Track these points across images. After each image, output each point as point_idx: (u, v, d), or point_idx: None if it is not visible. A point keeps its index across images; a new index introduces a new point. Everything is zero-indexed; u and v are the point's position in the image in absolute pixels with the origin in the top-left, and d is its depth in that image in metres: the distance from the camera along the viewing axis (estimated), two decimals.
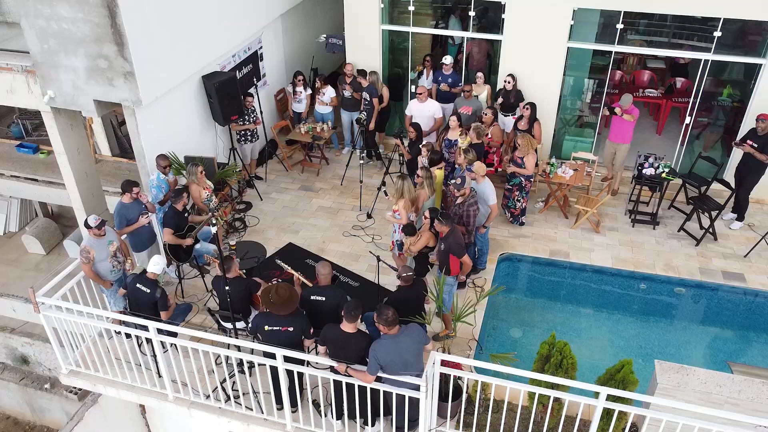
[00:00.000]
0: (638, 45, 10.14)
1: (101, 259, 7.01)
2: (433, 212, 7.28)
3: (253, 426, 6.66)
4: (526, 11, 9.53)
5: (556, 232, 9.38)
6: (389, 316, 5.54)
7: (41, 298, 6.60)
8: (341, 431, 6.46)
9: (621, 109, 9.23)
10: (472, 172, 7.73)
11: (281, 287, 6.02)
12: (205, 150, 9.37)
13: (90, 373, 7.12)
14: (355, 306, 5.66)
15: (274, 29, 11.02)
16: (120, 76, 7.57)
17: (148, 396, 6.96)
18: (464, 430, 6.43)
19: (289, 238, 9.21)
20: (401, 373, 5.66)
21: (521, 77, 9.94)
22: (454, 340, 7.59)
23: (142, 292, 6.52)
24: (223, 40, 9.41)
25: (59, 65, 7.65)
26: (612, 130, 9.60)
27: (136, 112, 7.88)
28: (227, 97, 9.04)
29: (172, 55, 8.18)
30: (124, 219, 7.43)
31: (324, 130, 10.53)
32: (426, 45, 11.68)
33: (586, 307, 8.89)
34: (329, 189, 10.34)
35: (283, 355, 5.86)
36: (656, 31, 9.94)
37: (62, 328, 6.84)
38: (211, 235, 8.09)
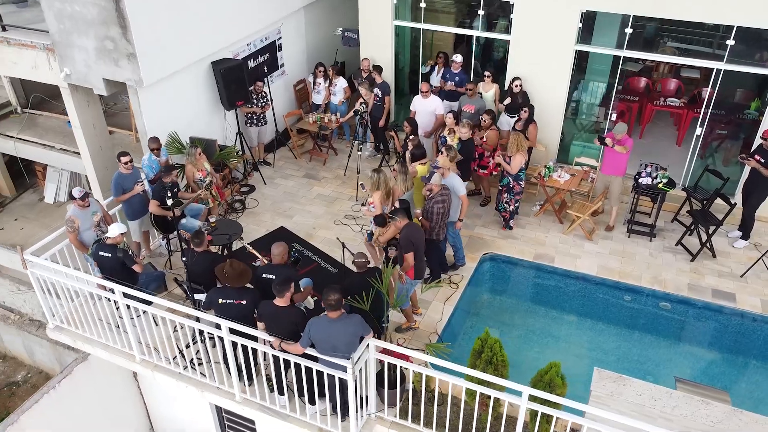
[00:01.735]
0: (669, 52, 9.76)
1: (85, 228, 7.58)
2: (403, 204, 7.39)
3: (207, 393, 7.03)
4: (533, 12, 9.43)
5: (546, 236, 9.25)
6: (331, 300, 5.71)
7: (28, 256, 7.23)
8: (284, 406, 6.70)
9: (612, 140, 8.73)
10: (439, 168, 7.77)
11: (234, 262, 6.35)
12: (213, 132, 9.85)
13: (72, 329, 7.71)
14: (282, 281, 5.89)
15: (296, 21, 11.40)
16: (124, 57, 8.13)
17: (119, 356, 7.46)
18: (404, 419, 6.51)
19: (282, 222, 9.56)
20: (330, 354, 5.85)
21: (528, 79, 9.84)
22: (416, 332, 7.69)
23: (105, 258, 7.00)
24: (236, 29, 9.85)
25: (73, 45, 8.30)
26: (604, 161, 9.07)
27: (138, 91, 8.43)
28: (233, 83, 9.49)
29: (177, 39, 8.68)
30: (120, 188, 7.99)
31: (331, 121, 10.81)
32: (448, 42, 11.73)
33: (565, 313, 8.79)
34: (332, 178, 10.62)
35: (230, 328, 6.20)
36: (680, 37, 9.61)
37: (47, 286, 7.43)
38: (200, 212, 8.55)
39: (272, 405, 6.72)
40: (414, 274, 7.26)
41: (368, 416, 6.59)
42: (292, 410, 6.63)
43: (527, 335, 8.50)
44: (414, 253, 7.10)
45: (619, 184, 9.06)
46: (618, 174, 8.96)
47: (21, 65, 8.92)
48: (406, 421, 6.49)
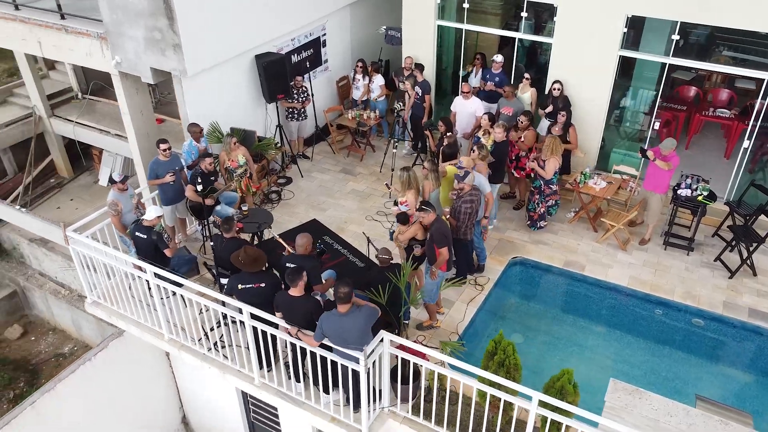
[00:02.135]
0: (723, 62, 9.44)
1: (127, 211, 7.94)
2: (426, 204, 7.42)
3: (228, 375, 7.25)
4: (577, 15, 9.28)
5: (579, 244, 9.10)
6: (341, 293, 5.82)
7: (70, 233, 7.62)
8: (300, 394, 6.84)
9: (655, 155, 8.43)
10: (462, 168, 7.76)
11: (249, 248, 6.54)
12: (253, 124, 10.11)
13: (108, 305, 8.08)
14: (293, 271, 6.02)
15: (341, 18, 11.56)
16: (170, 48, 8.45)
17: (149, 333, 7.77)
18: (416, 416, 6.55)
19: (316, 214, 9.73)
20: (343, 346, 5.95)
21: (569, 83, 9.68)
22: (437, 331, 7.71)
23: (140, 239, 7.31)
24: (280, 24, 10.08)
25: (124, 34, 8.68)
26: (646, 175, 8.78)
27: (182, 81, 8.74)
28: (274, 77, 9.72)
29: (222, 32, 8.96)
30: (154, 173, 8.32)
31: (370, 118, 10.92)
32: (492, 44, 11.65)
33: (593, 323, 8.61)
34: (367, 175, 10.73)
35: (250, 313, 6.38)
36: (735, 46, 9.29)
37: (87, 262, 7.81)
38: (235, 200, 8.81)
39: (289, 391, 6.88)
40: (446, 266, 7.28)
41: (381, 410, 6.66)
42: (308, 398, 6.77)
43: (552, 342, 8.39)
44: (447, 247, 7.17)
45: (658, 201, 8.73)
46: (658, 191, 8.66)
47: (77, 52, 9.38)
48: (417, 417, 6.54)
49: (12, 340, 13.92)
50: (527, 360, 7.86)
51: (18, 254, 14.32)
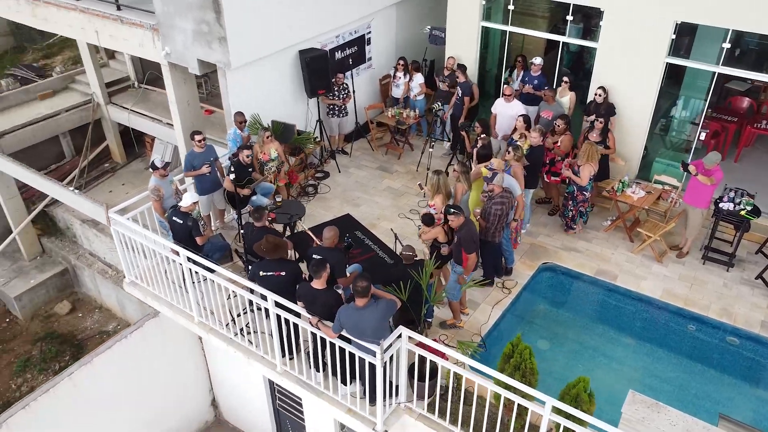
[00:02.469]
0: None
1: (168, 196, 8.24)
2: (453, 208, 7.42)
3: (252, 360, 7.44)
4: (624, 20, 9.09)
5: (613, 253, 8.92)
6: (358, 287, 5.91)
7: (112, 215, 7.97)
8: (320, 384, 6.97)
9: (697, 169, 8.17)
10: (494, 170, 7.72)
11: (270, 237, 6.70)
12: (294, 118, 10.30)
13: (144, 286, 8.41)
14: (317, 263, 6.14)
15: (387, 17, 11.66)
16: (216, 40, 8.72)
17: (180, 315, 8.05)
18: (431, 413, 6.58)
19: (350, 209, 9.86)
20: (360, 339, 6.04)
21: (613, 90, 9.49)
22: (459, 331, 7.71)
23: (177, 223, 7.58)
24: (325, 21, 10.25)
25: (175, 26, 9.00)
26: (688, 188, 8.50)
27: (226, 73, 9.01)
28: (316, 72, 9.90)
29: (267, 27, 9.18)
30: (190, 164, 8.59)
31: (409, 116, 10.97)
32: (539, 47, 11.53)
33: (623, 334, 8.43)
34: (403, 173, 10.79)
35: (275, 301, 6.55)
36: None
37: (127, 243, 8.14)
38: (271, 191, 9.01)
39: (309, 380, 7.01)
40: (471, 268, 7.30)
41: (397, 405, 6.72)
42: (326, 388, 6.89)
43: (579, 351, 8.26)
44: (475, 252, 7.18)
45: (698, 216, 8.45)
46: (699, 205, 8.38)
47: (130, 42, 9.78)
48: (433, 415, 6.57)
49: (61, 316, 14.62)
50: (552, 367, 7.82)
51: (71, 234, 15.02)
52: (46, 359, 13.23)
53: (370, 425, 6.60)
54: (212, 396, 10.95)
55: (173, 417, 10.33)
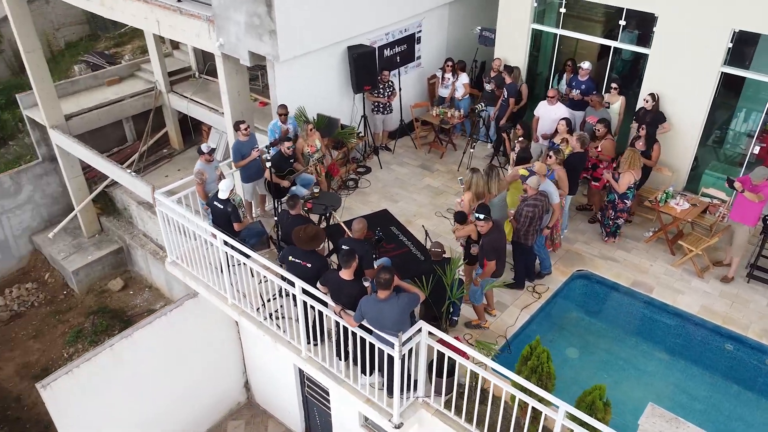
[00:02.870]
0: None
1: (211, 180, 8.57)
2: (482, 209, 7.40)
3: (279, 345, 7.66)
4: (678, 26, 8.83)
5: (651, 265, 8.69)
6: (382, 279, 6.01)
7: (158, 196, 8.35)
8: (341, 372, 7.11)
9: (743, 185, 7.87)
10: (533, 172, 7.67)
11: (309, 227, 6.87)
12: (339, 112, 10.49)
13: (184, 266, 8.76)
14: (347, 253, 6.26)
15: (439, 16, 11.70)
16: (266, 33, 8.99)
17: (215, 296, 8.35)
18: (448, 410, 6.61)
19: (387, 205, 9.97)
20: (380, 330, 6.14)
21: (664, 98, 9.24)
22: (485, 332, 7.70)
23: (217, 208, 7.87)
24: (376, 18, 10.39)
25: (229, 18, 9.33)
26: (734, 205, 8.23)
27: (275, 65, 9.27)
28: (363, 69, 10.06)
29: (317, 22, 9.39)
30: (239, 153, 8.88)
31: (454, 116, 10.99)
32: (592, 52, 11.31)
33: (656, 348, 8.21)
34: (444, 172, 10.82)
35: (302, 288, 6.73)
36: None
37: (171, 224, 8.50)
38: (311, 182, 9.22)
39: (331, 368, 7.16)
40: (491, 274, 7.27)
41: (415, 399, 6.78)
42: (348, 377, 7.03)
43: (609, 361, 8.11)
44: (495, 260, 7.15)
45: (745, 234, 8.11)
46: (746, 223, 8.05)
47: (188, 33, 10.19)
48: (449, 412, 6.60)
49: (113, 292, 15.37)
50: (580, 376, 7.71)
51: (127, 215, 15.75)
52: (96, 332, 13.94)
53: (387, 416, 6.69)
54: (245, 378, 11.28)
55: (207, 395, 10.70)
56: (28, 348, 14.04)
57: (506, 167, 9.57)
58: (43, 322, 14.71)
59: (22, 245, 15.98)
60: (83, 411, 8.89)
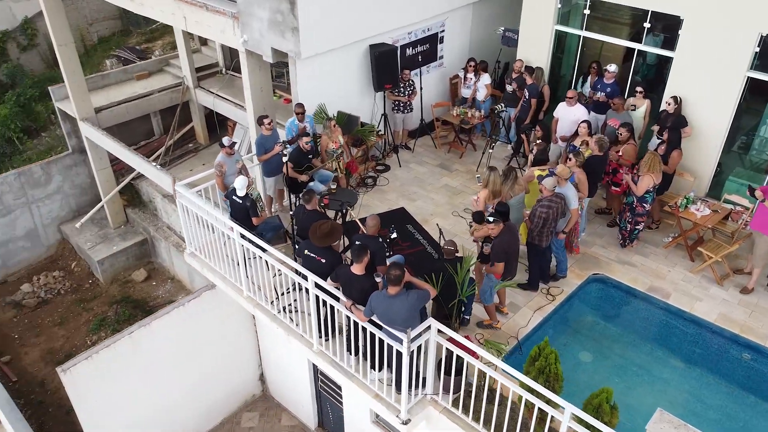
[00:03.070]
0: None
1: (230, 173, 8.71)
2: (501, 207, 7.40)
3: (292, 338, 7.75)
4: (704, 29, 8.70)
5: (669, 271, 8.58)
6: (391, 275, 6.06)
7: (178, 187, 8.51)
8: (351, 367, 7.16)
9: (763, 195, 7.70)
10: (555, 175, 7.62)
11: (325, 223, 6.95)
12: (360, 110, 10.56)
13: (202, 258, 8.92)
14: (358, 248, 6.32)
15: (462, 16, 11.70)
16: (289, 30, 9.10)
17: (231, 288, 8.48)
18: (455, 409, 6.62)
19: (404, 203, 10.01)
20: (389, 326, 6.18)
21: (687, 101, 9.11)
22: (496, 332, 7.68)
23: (235, 202, 8.00)
24: (399, 17, 10.43)
25: (253, 15, 9.46)
26: (755, 213, 8.04)
27: (296, 62, 9.38)
28: (385, 67, 10.11)
29: (339, 20, 9.47)
30: (262, 148, 9.01)
31: (474, 116, 10.97)
32: (617, 54, 11.20)
33: (671, 355, 8.10)
34: (463, 172, 10.81)
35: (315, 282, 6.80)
36: None
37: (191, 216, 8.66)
38: (329, 179, 9.30)
39: (342, 362, 7.23)
40: (500, 276, 7.26)
41: (423, 396, 6.80)
42: (357, 372, 7.08)
43: (623, 366, 8.03)
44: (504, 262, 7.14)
45: (765, 244, 7.91)
46: (766, 233, 7.87)
47: (213, 29, 10.35)
48: (457, 410, 6.61)
49: (137, 282, 15.67)
50: (593, 380, 7.65)
51: (152, 207, 16.04)
52: (119, 321, 14.22)
53: (395, 412, 6.73)
54: (261, 371, 11.42)
55: (223, 386, 10.88)
56: (53, 334, 14.40)
57: (524, 168, 9.52)
58: (68, 310, 15.07)
59: (51, 234, 16.40)
60: (102, 396, 9.11)
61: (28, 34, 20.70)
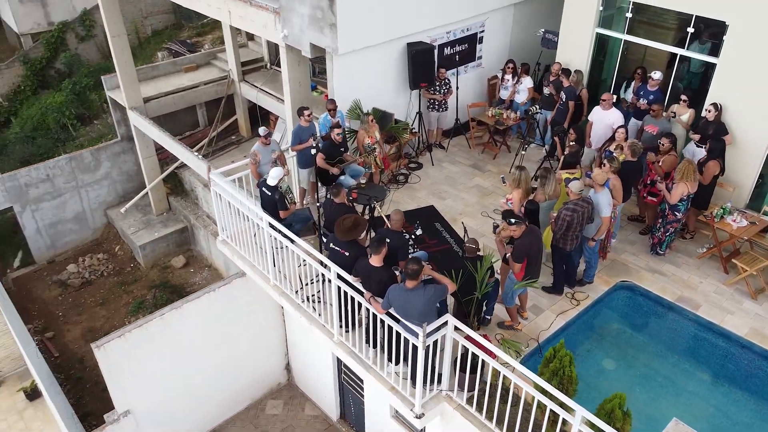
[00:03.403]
0: None
1: (264, 162, 8.93)
2: (531, 205, 7.37)
3: (314, 327, 7.89)
4: (750, 35, 8.45)
5: (701, 282, 8.37)
6: (410, 270, 6.12)
7: (212, 176, 8.77)
8: (369, 359, 7.25)
9: None
10: (589, 180, 7.54)
11: (350, 218, 7.06)
12: (395, 108, 10.64)
13: (233, 245, 9.16)
14: (378, 240, 6.41)
15: (503, 17, 11.65)
16: (327, 26, 9.26)
17: (259, 276, 8.69)
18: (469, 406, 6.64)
19: (434, 201, 10.04)
20: (405, 319, 6.25)
21: (729, 109, 8.86)
22: (517, 333, 7.65)
23: (265, 194, 8.19)
24: (437, 16, 10.47)
25: (294, 10, 9.66)
26: None
27: (333, 58, 9.53)
28: (421, 66, 10.17)
29: (377, 17, 9.58)
30: (298, 138, 9.21)
31: (509, 118, 10.92)
32: (661, 60, 10.96)
33: (699, 368, 7.90)
34: (495, 173, 10.76)
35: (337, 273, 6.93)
36: None
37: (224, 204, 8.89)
38: (360, 174, 9.43)
39: (360, 353, 7.33)
40: (522, 277, 7.23)
41: (439, 391, 6.84)
42: (375, 364, 7.17)
43: (648, 376, 7.89)
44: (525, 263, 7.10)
45: None
46: None
47: (256, 23, 10.61)
48: (471, 408, 6.63)
49: (176, 268, 16.16)
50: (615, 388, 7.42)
51: (194, 196, 16.51)
52: (157, 304, 14.68)
53: (409, 405, 6.79)
54: (287, 360, 11.63)
55: (249, 372, 11.12)
56: (95, 314, 14.99)
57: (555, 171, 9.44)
58: (109, 291, 15.66)
59: (98, 218, 17.06)
60: (133, 373, 9.45)
61: (86, 26, 21.59)
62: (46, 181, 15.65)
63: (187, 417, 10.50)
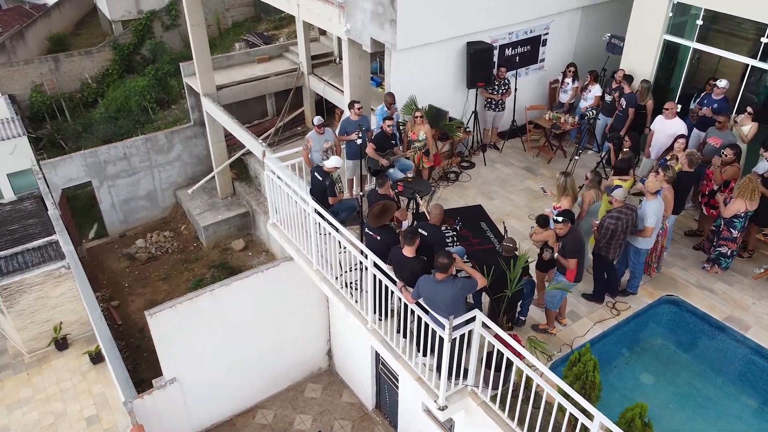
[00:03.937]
0: None
1: (316, 150, 9.22)
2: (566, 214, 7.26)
3: (350, 313, 8.09)
4: None
5: (755, 303, 7.99)
6: (440, 263, 6.21)
7: (267, 160, 9.12)
8: (399, 347, 7.37)
9: None
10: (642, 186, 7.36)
11: (376, 205, 7.22)
12: (451, 106, 10.68)
13: (281, 229, 9.49)
14: (410, 231, 6.52)
15: (570, 20, 11.45)
16: (388, 22, 9.44)
17: (303, 261, 8.96)
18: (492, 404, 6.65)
19: (482, 201, 10.03)
20: (433, 310, 6.34)
21: None
22: (551, 337, 7.57)
23: (317, 179, 8.45)
24: (499, 16, 10.44)
25: (357, 5, 9.90)
26: None
27: (392, 53, 9.70)
28: (479, 65, 10.18)
29: (438, 16, 9.67)
30: (343, 129, 9.47)
31: (566, 122, 10.73)
32: (736, 71, 10.48)
33: (745, 393, 7.55)
34: (548, 177, 10.62)
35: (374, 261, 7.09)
36: None
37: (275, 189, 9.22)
38: (409, 168, 9.54)
39: (391, 342, 7.46)
40: (574, 277, 7.16)
41: (464, 386, 6.88)
42: (404, 353, 7.28)
43: (687, 395, 7.62)
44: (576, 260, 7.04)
45: None
46: None
47: (321, 17, 10.94)
48: (494, 405, 6.63)
49: (235, 251, 16.82)
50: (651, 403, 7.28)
51: (257, 182, 17.12)
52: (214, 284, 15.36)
53: (434, 397, 6.86)
54: (329, 347, 11.91)
55: (292, 354, 11.47)
56: (157, 288, 15.83)
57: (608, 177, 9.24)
58: (172, 268, 16.49)
59: (167, 197, 17.98)
60: (182, 344, 9.95)
61: (172, 15, 22.74)
62: (123, 159, 16.65)
63: (229, 391, 10.96)
